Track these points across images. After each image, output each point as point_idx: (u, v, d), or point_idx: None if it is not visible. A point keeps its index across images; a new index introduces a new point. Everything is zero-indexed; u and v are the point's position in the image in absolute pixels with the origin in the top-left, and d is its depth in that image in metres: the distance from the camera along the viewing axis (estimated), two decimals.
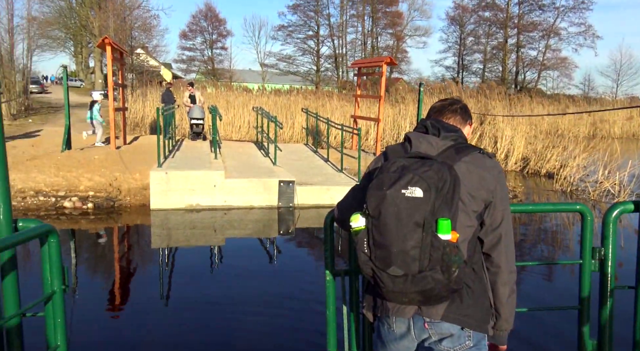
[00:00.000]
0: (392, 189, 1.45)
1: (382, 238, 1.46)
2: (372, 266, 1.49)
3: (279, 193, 8.68)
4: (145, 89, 21.04)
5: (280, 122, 10.01)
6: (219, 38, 46.75)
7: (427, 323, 1.60)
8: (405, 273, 1.44)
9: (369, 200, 1.48)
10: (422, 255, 1.43)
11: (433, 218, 1.43)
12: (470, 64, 53.09)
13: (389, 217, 1.44)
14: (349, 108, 19.35)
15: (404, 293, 1.49)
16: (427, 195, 1.43)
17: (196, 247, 7.26)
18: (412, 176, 1.45)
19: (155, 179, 8.14)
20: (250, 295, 5.24)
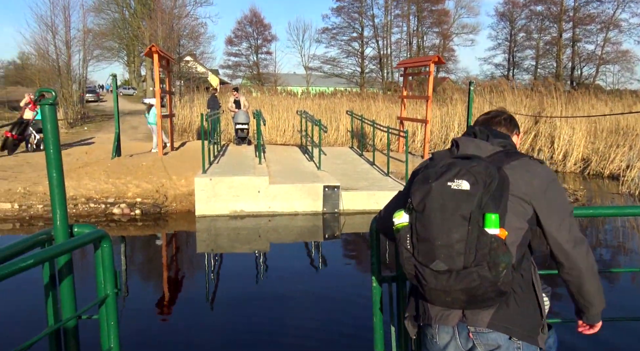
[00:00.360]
0: (437, 182, 1.42)
1: (425, 233, 1.41)
2: (415, 263, 1.44)
3: (323, 199, 8.47)
4: (193, 95, 21.44)
5: (325, 126, 9.81)
6: (264, 43, 47.34)
7: (472, 333, 1.50)
8: (449, 269, 1.39)
9: (414, 194, 1.45)
10: (468, 249, 1.37)
11: (480, 213, 1.38)
12: (522, 61, 50.99)
13: (434, 210, 1.40)
14: (395, 110, 18.89)
15: (447, 292, 1.41)
16: (475, 188, 1.38)
17: (241, 253, 7.18)
18: (459, 169, 1.41)
19: (199, 185, 8.12)
20: (295, 300, 5.22)
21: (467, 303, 1.44)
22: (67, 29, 22.37)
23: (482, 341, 1.50)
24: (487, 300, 1.42)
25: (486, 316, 1.48)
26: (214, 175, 8.34)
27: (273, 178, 8.80)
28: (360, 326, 4.41)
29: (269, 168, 9.85)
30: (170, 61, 13.17)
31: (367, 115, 17.74)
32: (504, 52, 51.43)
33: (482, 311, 1.48)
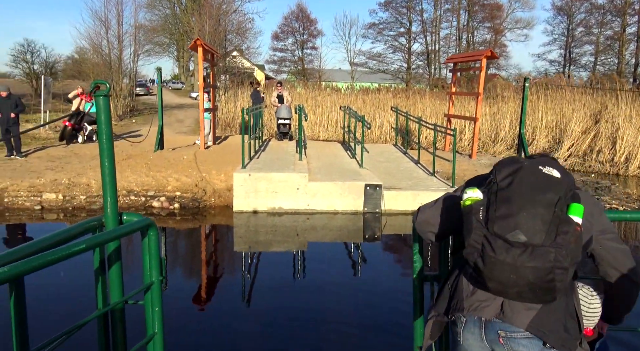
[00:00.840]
0: (529, 163, 1.44)
1: (506, 207, 1.39)
2: (485, 233, 1.40)
3: (364, 198, 8.13)
4: (237, 90, 21.54)
5: (368, 122, 9.45)
6: (310, 38, 47.21)
7: (502, 338, 1.46)
8: (526, 243, 1.35)
9: (500, 170, 1.46)
10: (550, 230, 1.35)
11: (566, 200, 1.38)
12: (579, 57, 48.37)
13: (523, 185, 1.40)
14: (442, 107, 18.24)
15: (516, 268, 1.35)
16: (564, 178, 1.42)
17: (278, 251, 6.99)
18: (547, 160, 1.47)
19: (238, 181, 7.98)
20: (332, 300, 5.09)
21: (526, 290, 1.38)
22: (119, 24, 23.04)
23: (514, 347, 1.45)
24: (543, 294, 1.38)
25: (526, 317, 1.44)
26: (252, 171, 8.18)
27: (313, 175, 8.55)
28: (400, 325, 4.25)
29: (309, 165, 9.60)
30: (215, 55, 13.16)
31: (413, 111, 17.20)
32: (560, 48, 49.01)
33: (523, 311, 1.44)
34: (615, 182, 10.81)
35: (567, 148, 13.72)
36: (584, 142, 13.52)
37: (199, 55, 10.95)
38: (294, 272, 6.11)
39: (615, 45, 43.65)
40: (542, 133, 14.68)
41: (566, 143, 13.74)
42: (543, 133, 14.67)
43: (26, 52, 32.65)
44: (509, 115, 15.87)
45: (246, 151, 8.78)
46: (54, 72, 34.06)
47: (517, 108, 16.13)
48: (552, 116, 14.80)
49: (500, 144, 15.41)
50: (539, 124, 14.90)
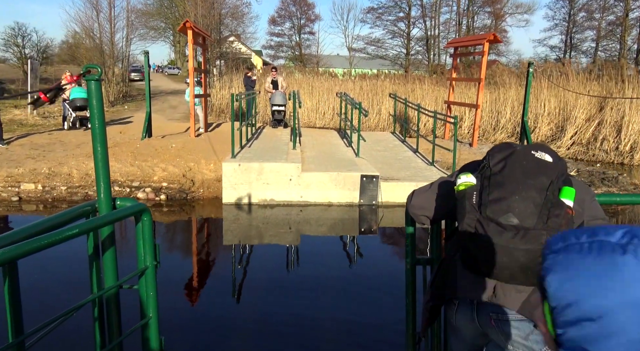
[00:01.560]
0: (522, 148, 1.46)
1: (499, 191, 1.40)
2: (479, 217, 1.41)
3: (360, 189, 7.74)
4: (231, 75, 21.01)
5: (365, 109, 9.02)
6: (307, 22, 46.36)
7: (494, 320, 1.49)
8: (517, 226, 1.35)
9: (493, 156, 1.47)
10: (542, 213, 1.36)
11: (558, 184, 1.39)
12: (581, 43, 47.67)
13: (515, 169, 1.41)
14: (441, 94, 17.77)
15: (508, 250, 1.35)
16: (556, 162, 1.42)
17: (269, 244, 6.63)
18: (541, 146, 1.48)
19: (227, 171, 7.57)
20: (327, 296, 4.87)
21: (518, 272, 1.38)
22: (111, 7, 22.36)
23: (505, 329, 1.47)
24: (535, 276, 1.30)
25: (517, 300, 1.45)
26: (243, 161, 7.76)
27: (307, 165, 8.14)
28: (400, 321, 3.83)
29: (303, 154, 9.19)
30: (207, 39, 12.64)
31: (412, 98, 16.74)
32: (561, 33, 48.28)
33: (514, 293, 1.45)
34: (621, 171, 10.43)
35: (570, 137, 13.32)
36: (587, 130, 13.11)
37: (189, 38, 10.45)
38: (286, 267, 5.78)
39: (617, 30, 43.00)
40: (544, 120, 14.26)
41: (569, 131, 13.33)
42: (545, 121, 14.25)
43: (17, 36, 31.86)
44: (510, 102, 15.42)
45: (237, 139, 8.36)
46: (46, 57, 33.28)
47: (519, 95, 15.68)
48: (555, 103, 14.37)
49: (501, 132, 15.00)
50: (541, 111, 14.47)
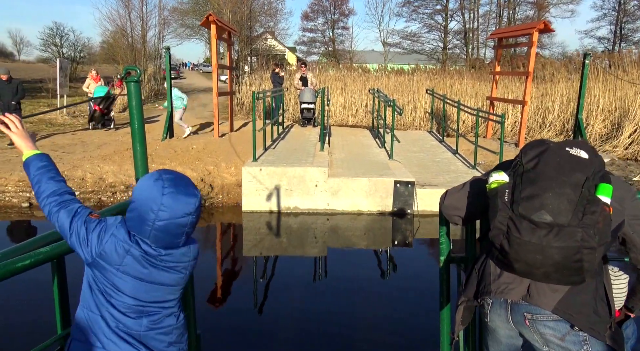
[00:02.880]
0: (556, 144, 1.43)
1: (533, 187, 1.36)
2: (510, 215, 1.38)
3: (394, 197, 6.97)
4: (262, 72, 20.48)
5: (400, 107, 8.21)
6: (341, 17, 45.37)
7: (528, 320, 1.45)
8: (551, 223, 1.31)
9: (526, 153, 1.44)
10: (577, 210, 1.31)
11: (594, 180, 1.34)
12: (632, 34, 44.80)
13: (548, 165, 1.37)
14: (482, 89, 16.64)
15: (542, 248, 1.32)
16: (592, 159, 1.38)
17: (293, 257, 6.00)
18: (577, 142, 1.44)
19: (247, 176, 6.95)
20: (355, 315, 4.39)
21: (552, 270, 1.35)
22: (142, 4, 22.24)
23: (540, 329, 1.44)
24: (570, 275, 1.35)
25: (553, 299, 1.41)
26: (264, 165, 7.12)
27: (334, 170, 7.42)
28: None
29: (331, 156, 8.48)
30: (233, 33, 12.08)
31: (450, 94, 15.72)
32: (610, 24, 45.45)
33: (549, 293, 1.42)
34: None
35: (628, 135, 12.03)
36: None
37: (212, 32, 9.90)
38: (311, 283, 5.14)
39: None
40: (597, 117, 12.98)
41: (627, 129, 12.04)
42: (599, 118, 12.98)
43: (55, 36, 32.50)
44: (558, 97, 14.18)
45: (259, 141, 7.74)
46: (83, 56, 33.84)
47: (568, 89, 14.42)
48: (610, 98, 13.07)
49: (549, 130, 13.79)
50: (594, 107, 13.20)
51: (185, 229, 1.47)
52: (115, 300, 1.45)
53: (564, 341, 1.42)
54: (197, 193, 1.48)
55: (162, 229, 1.42)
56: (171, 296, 1.54)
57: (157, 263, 1.46)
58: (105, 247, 1.42)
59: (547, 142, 1.46)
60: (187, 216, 1.44)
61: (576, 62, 16.22)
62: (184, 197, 1.43)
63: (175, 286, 1.54)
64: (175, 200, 1.41)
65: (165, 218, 1.41)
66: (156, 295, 1.49)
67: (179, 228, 1.45)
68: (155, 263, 1.45)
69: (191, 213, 1.45)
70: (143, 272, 1.44)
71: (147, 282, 1.46)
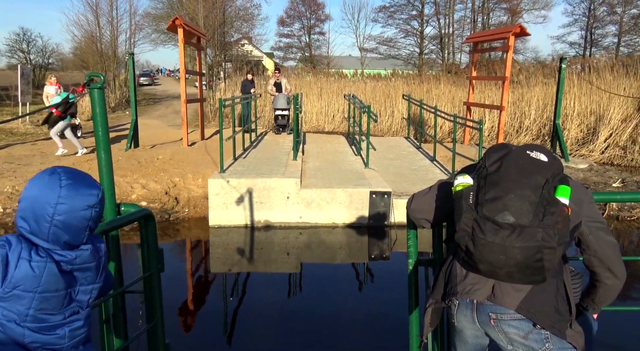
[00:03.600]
0: (517, 148, 1.49)
1: (496, 189, 1.41)
2: (475, 216, 1.42)
3: (370, 208, 6.63)
4: (236, 79, 20.03)
5: (375, 114, 7.91)
6: (317, 23, 45.20)
7: (493, 320, 1.50)
8: (513, 224, 1.37)
9: (489, 156, 1.49)
10: (537, 211, 1.36)
11: (554, 182, 1.41)
12: (601, 39, 45.88)
13: (510, 167, 1.43)
14: (458, 94, 16.55)
15: (505, 248, 1.37)
16: (551, 162, 1.45)
17: (264, 274, 5.61)
18: (536, 146, 1.50)
19: (214, 189, 6.52)
20: (333, 334, 4.14)
21: (515, 271, 1.40)
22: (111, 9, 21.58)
23: (505, 329, 1.49)
24: (533, 274, 1.39)
25: (516, 299, 1.46)
26: (232, 176, 6.70)
27: (307, 180, 7.06)
28: None
29: (305, 165, 8.11)
30: (202, 38, 11.65)
31: (427, 99, 15.56)
32: (581, 29, 46.49)
33: (513, 292, 1.46)
34: None
35: (604, 139, 12.01)
36: (624, 131, 11.79)
37: (180, 37, 9.45)
38: (283, 301, 4.78)
39: None
40: (573, 122, 12.95)
41: (603, 133, 12.02)
42: (575, 122, 12.95)
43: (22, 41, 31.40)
44: (534, 102, 14.14)
45: (229, 150, 7.33)
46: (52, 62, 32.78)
47: (544, 93, 14.40)
48: (586, 102, 13.07)
49: (525, 134, 13.71)
50: (570, 111, 13.18)
51: (88, 223, 1.38)
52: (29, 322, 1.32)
53: (527, 340, 1.47)
54: (98, 185, 1.42)
55: (63, 224, 1.32)
56: (85, 297, 1.44)
57: (71, 268, 1.37)
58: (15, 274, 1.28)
59: (510, 146, 1.50)
60: (89, 209, 1.36)
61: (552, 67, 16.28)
62: (84, 188, 1.36)
63: (89, 286, 1.44)
64: (75, 190, 1.34)
65: (65, 212, 1.32)
66: (73, 301, 1.40)
67: (81, 222, 1.36)
68: (70, 269, 1.37)
69: (93, 205, 1.37)
70: (59, 284, 1.34)
71: (63, 291, 1.36)
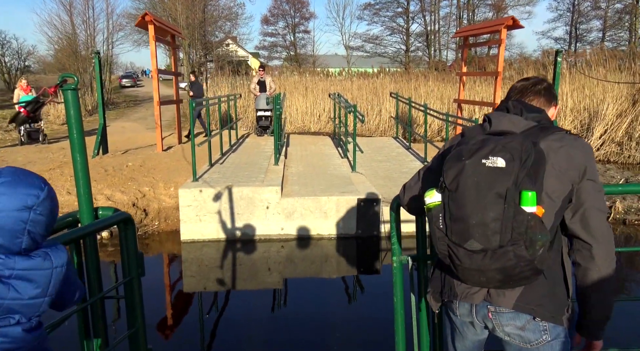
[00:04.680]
0: (471, 159, 1.35)
1: (459, 212, 1.34)
2: (448, 242, 1.39)
3: (358, 217, 6.07)
4: (217, 79, 19.35)
5: (362, 114, 7.34)
6: (302, 21, 44.59)
7: (491, 312, 1.49)
8: (484, 248, 1.32)
9: (447, 172, 1.39)
10: (504, 228, 1.30)
11: (516, 190, 1.32)
12: (586, 34, 46.00)
13: (468, 188, 1.34)
14: (447, 91, 16.08)
15: (482, 272, 1.34)
16: (510, 165, 1.32)
17: (244, 292, 5.07)
18: (494, 146, 1.35)
19: (186, 199, 5.90)
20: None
21: (503, 282, 1.37)
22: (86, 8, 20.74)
23: (502, 321, 1.48)
24: (523, 279, 1.36)
25: (512, 297, 1.44)
26: (206, 185, 6.08)
27: (289, 187, 6.46)
28: None
29: (287, 170, 7.51)
30: (178, 36, 10.98)
31: (415, 97, 15.06)
32: (566, 24, 46.61)
33: (508, 292, 1.44)
34: None
35: (599, 136, 11.59)
36: (619, 127, 11.39)
37: (150, 34, 8.79)
38: (265, 320, 4.26)
39: (625, 18, 41.19)
40: (566, 118, 12.54)
41: (598, 130, 11.60)
42: (568, 118, 12.53)
43: None
44: None
45: (203, 157, 6.71)
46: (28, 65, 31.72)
47: None
48: (579, 97, 12.66)
49: None
50: (562, 107, 12.76)
51: (25, 226, 1.24)
52: None
53: (524, 331, 1.46)
54: (41, 186, 1.28)
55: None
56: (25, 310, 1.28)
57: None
58: None
59: (464, 157, 1.36)
60: (26, 210, 1.23)
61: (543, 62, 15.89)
62: (23, 187, 1.24)
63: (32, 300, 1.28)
64: (13, 189, 1.23)
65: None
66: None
67: (17, 224, 1.22)
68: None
69: (32, 206, 1.24)
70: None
71: None
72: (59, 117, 18.53)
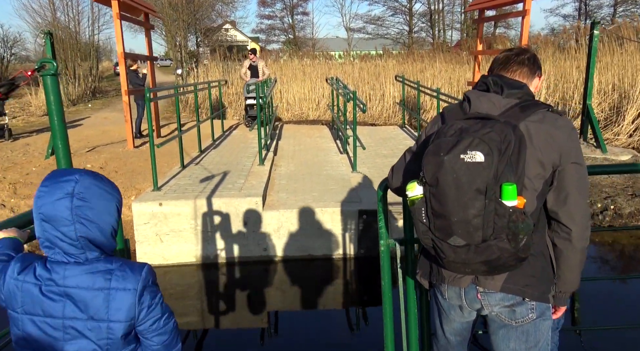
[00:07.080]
0: (450, 155, 1.32)
1: (441, 208, 1.33)
2: (432, 237, 1.39)
3: (360, 232, 4.85)
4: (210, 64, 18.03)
5: (363, 102, 6.07)
6: (300, 2, 42.83)
7: (480, 293, 1.50)
8: (467, 244, 1.32)
9: (426, 167, 1.37)
10: (486, 223, 1.30)
11: (496, 184, 1.30)
12: (597, 10, 44.16)
13: (447, 185, 1.32)
14: (456, 73, 14.74)
15: (467, 264, 1.36)
16: (489, 159, 1.30)
17: (218, 330, 3.93)
18: (472, 139, 1.31)
19: (142, 216, 4.68)
20: None
21: (488, 272, 1.39)
22: None
23: (491, 302, 1.50)
24: (508, 267, 1.37)
25: (499, 280, 1.45)
26: (169, 196, 4.87)
27: (275, 195, 5.24)
28: None
29: (275, 171, 6.29)
30: (151, 15, 9.66)
31: (421, 80, 13.74)
32: (574, 1, 44.74)
33: (496, 276, 1.45)
34: None
35: (631, 120, 10.27)
36: (636, 99, 10.07)
37: (114, 11, 7.50)
38: None
39: None
40: (594, 100, 11.20)
41: (630, 114, 10.27)
42: (595, 101, 11.19)
43: None
44: (546, 79, 12.36)
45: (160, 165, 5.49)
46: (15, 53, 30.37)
47: (557, 69, 12.64)
48: (607, 76, 11.31)
49: None
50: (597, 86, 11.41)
51: (70, 213, 1.23)
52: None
53: (512, 310, 1.48)
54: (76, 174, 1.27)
55: (46, 217, 1.21)
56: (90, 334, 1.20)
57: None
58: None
59: (442, 151, 1.30)
60: (67, 196, 1.22)
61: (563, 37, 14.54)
62: (60, 176, 1.25)
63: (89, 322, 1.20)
64: (54, 179, 1.25)
65: (43, 204, 1.21)
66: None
67: (63, 211, 1.20)
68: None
69: (72, 192, 1.23)
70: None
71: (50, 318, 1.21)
72: (41, 107, 17.33)
